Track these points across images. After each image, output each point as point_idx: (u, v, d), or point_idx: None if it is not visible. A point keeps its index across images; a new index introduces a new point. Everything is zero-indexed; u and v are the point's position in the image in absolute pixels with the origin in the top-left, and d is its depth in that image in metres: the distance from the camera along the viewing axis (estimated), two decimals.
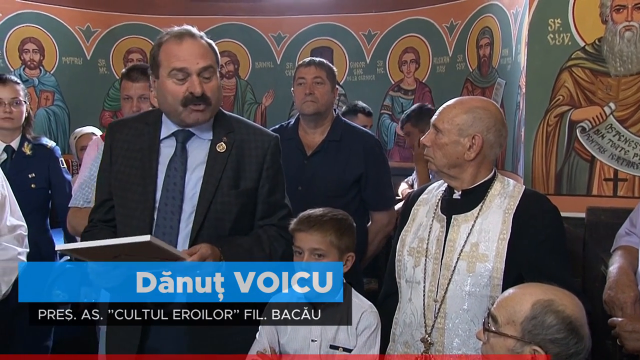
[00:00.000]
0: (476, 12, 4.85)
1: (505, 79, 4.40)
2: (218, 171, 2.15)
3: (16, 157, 3.36)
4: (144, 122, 2.24)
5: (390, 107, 5.55)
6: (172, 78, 2.10)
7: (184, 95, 2.09)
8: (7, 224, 2.68)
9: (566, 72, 3.52)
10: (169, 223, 2.12)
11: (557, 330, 1.54)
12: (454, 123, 2.10)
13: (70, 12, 5.44)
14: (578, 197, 3.49)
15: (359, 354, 2.08)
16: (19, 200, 3.23)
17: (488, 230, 2.08)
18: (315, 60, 3.26)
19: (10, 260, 2.64)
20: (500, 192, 2.14)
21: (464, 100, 2.19)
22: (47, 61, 5.39)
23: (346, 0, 5.61)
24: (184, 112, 2.11)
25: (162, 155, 2.18)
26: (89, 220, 2.31)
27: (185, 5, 5.65)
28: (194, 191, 2.14)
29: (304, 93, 3.16)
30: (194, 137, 2.19)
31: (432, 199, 2.25)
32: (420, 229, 2.21)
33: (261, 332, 2.16)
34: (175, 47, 2.11)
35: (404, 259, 2.21)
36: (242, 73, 5.79)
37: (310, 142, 3.22)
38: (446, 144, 2.11)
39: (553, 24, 3.54)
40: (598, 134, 3.48)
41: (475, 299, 2.04)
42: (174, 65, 2.09)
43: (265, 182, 2.24)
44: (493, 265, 2.03)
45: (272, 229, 2.26)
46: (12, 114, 3.32)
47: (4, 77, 3.46)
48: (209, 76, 2.13)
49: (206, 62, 2.12)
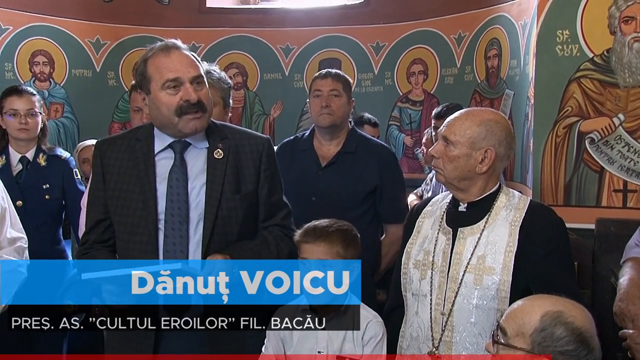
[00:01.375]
0: (484, 24, 4.86)
1: (513, 90, 4.39)
2: (219, 177, 2.18)
3: (31, 167, 3.36)
4: (134, 138, 2.25)
5: (399, 118, 5.55)
6: (165, 90, 2.12)
7: (179, 104, 2.11)
8: (7, 236, 2.67)
9: (575, 83, 3.52)
10: (177, 233, 2.12)
11: (567, 342, 1.53)
12: (466, 136, 2.07)
13: (80, 25, 5.47)
14: (587, 209, 3.48)
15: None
16: (34, 211, 3.27)
17: (495, 243, 2.06)
18: (331, 72, 3.25)
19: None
20: (506, 204, 2.12)
21: (474, 112, 2.17)
22: (57, 73, 5.42)
23: (354, 12, 5.62)
24: (180, 122, 2.13)
25: (159, 168, 2.18)
26: (82, 242, 2.30)
27: (194, 17, 5.68)
28: (199, 199, 2.16)
29: (320, 105, 3.14)
30: (190, 146, 2.21)
31: (436, 211, 2.24)
32: (425, 241, 2.20)
33: (267, 345, 2.16)
34: (165, 60, 2.13)
35: (410, 272, 2.19)
36: (251, 84, 5.81)
37: (325, 154, 3.21)
38: (458, 157, 2.08)
39: (561, 35, 3.55)
40: (607, 145, 3.47)
41: (482, 312, 2.03)
42: (167, 76, 2.11)
43: (265, 183, 2.27)
44: (500, 278, 2.02)
45: (276, 229, 2.29)
46: (27, 124, 3.33)
47: (20, 88, 3.49)
48: (200, 83, 2.15)
49: (197, 71, 2.15)
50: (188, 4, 5.69)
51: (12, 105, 3.32)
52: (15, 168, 3.35)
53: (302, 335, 2.13)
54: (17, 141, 3.37)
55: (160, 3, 5.67)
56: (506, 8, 4.52)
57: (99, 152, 2.27)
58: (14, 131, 3.33)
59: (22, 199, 3.25)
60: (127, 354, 2.18)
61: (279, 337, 2.15)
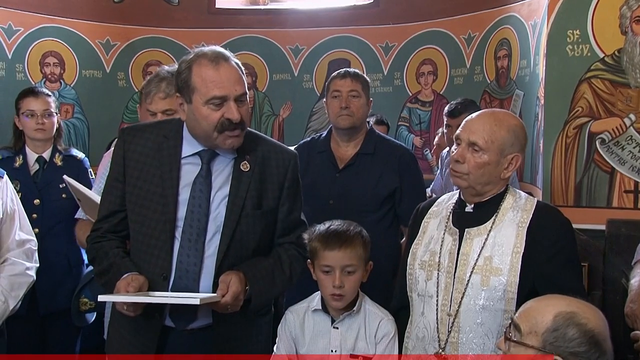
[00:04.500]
0: (494, 24, 4.85)
1: (523, 90, 4.38)
2: (243, 191, 2.11)
3: (48, 167, 3.39)
4: (161, 135, 2.17)
5: (408, 118, 5.54)
6: (208, 105, 2.01)
7: (220, 121, 2.01)
8: (16, 238, 2.66)
9: (585, 83, 3.50)
10: (194, 245, 2.07)
11: (579, 344, 1.51)
12: (497, 142, 2.03)
13: (90, 26, 5.51)
14: (598, 209, 3.46)
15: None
16: (50, 211, 3.30)
17: (502, 244, 2.04)
18: (350, 71, 3.15)
19: (19, 275, 2.62)
20: (512, 205, 2.10)
21: (499, 115, 2.11)
22: (67, 74, 5.45)
23: (364, 12, 5.62)
24: (219, 137, 2.04)
25: (184, 173, 2.12)
26: (95, 228, 2.22)
27: (203, 18, 5.70)
28: (218, 211, 2.10)
29: (339, 107, 3.04)
30: (218, 156, 2.14)
31: (442, 212, 2.21)
32: (431, 242, 2.17)
33: (279, 345, 2.16)
34: (213, 73, 2.01)
35: (416, 273, 2.17)
36: (260, 85, 5.82)
37: (342, 155, 3.11)
38: (488, 164, 2.04)
39: (572, 35, 3.53)
40: (618, 146, 3.45)
41: (489, 313, 2.01)
42: (214, 93, 2.00)
43: (286, 200, 2.21)
44: (507, 279, 2.00)
45: (291, 247, 2.23)
46: (44, 125, 3.36)
47: (37, 89, 3.53)
48: (243, 100, 2.06)
49: (243, 89, 2.05)
50: (197, 4, 5.71)
51: (29, 106, 3.35)
52: (33, 168, 3.38)
53: (315, 334, 2.13)
54: (33, 141, 3.40)
55: (170, 4, 5.69)
56: (516, 8, 4.51)
57: (122, 141, 2.18)
58: (30, 132, 3.37)
59: (39, 198, 3.29)
60: (131, 354, 2.15)
61: (290, 337, 2.15)
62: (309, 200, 2.49)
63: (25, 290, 2.65)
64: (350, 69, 3.26)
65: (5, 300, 2.57)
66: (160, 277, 2.05)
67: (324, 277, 2.10)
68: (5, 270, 2.61)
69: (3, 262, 2.62)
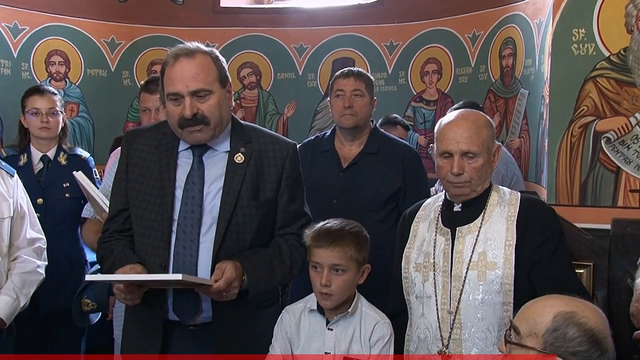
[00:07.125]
0: (499, 23, 4.83)
1: (528, 89, 4.37)
2: (237, 182, 2.14)
3: (52, 166, 3.39)
4: (161, 132, 2.24)
5: (412, 117, 5.53)
6: (170, 101, 2.10)
7: (179, 117, 2.09)
8: (26, 236, 2.68)
9: (591, 82, 3.49)
10: (188, 237, 2.10)
11: (580, 343, 1.51)
12: (484, 142, 2.12)
13: (95, 25, 5.52)
14: (603, 209, 3.45)
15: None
16: (54, 209, 3.30)
17: (494, 239, 2.11)
18: (353, 71, 3.15)
19: (30, 273, 2.65)
20: (498, 200, 2.18)
21: (470, 117, 2.17)
22: (72, 73, 5.47)
23: (368, 11, 5.62)
24: (183, 133, 2.12)
25: (181, 167, 2.17)
26: (105, 229, 2.29)
27: (208, 17, 5.70)
28: (213, 204, 2.13)
29: (342, 106, 3.05)
30: (210, 150, 2.18)
31: (430, 214, 2.26)
32: (423, 244, 2.21)
33: (274, 345, 2.15)
34: (170, 70, 2.10)
35: (411, 275, 2.21)
36: (264, 84, 5.82)
37: (346, 154, 3.11)
38: (482, 165, 2.13)
39: (577, 34, 3.51)
40: (623, 145, 3.44)
41: (488, 306, 2.06)
42: (169, 89, 2.10)
43: (285, 191, 2.22)
44: (503, 272, 2.07)
45: (292, 237, 2.24)
46: (49, 123, 3.36)
47: (42, 87, 3.53)
48: (203, 95, 2.09)
49: (197, 85, 2.07)
50: (202, 3, 5.72)
51: (34, 105, 3.36)
52: (37, 166, 3.38)
53: (310, 335, 2.12)
54: (38, 140, 3.40)
55: (175, 3, 5.70)
56: (521, 7, 4.50)
57: (126, 142, 2.27)
58: (35, 130, 3.37)
59: (42, 197, 3.28)
60: (136, 354, 2.17)
61: (286, 337, 2.14)
62: (313, 199, 2.48)
63: (35, 288, 2.67)
64: (353, 68, 3.27)
65: (17, 298, 2.58)
66: (160, 267, 2.10)
67: (314, 274, 2.09)
68: (17, 268, 2.63)
69: (14, 259, 2.65)
